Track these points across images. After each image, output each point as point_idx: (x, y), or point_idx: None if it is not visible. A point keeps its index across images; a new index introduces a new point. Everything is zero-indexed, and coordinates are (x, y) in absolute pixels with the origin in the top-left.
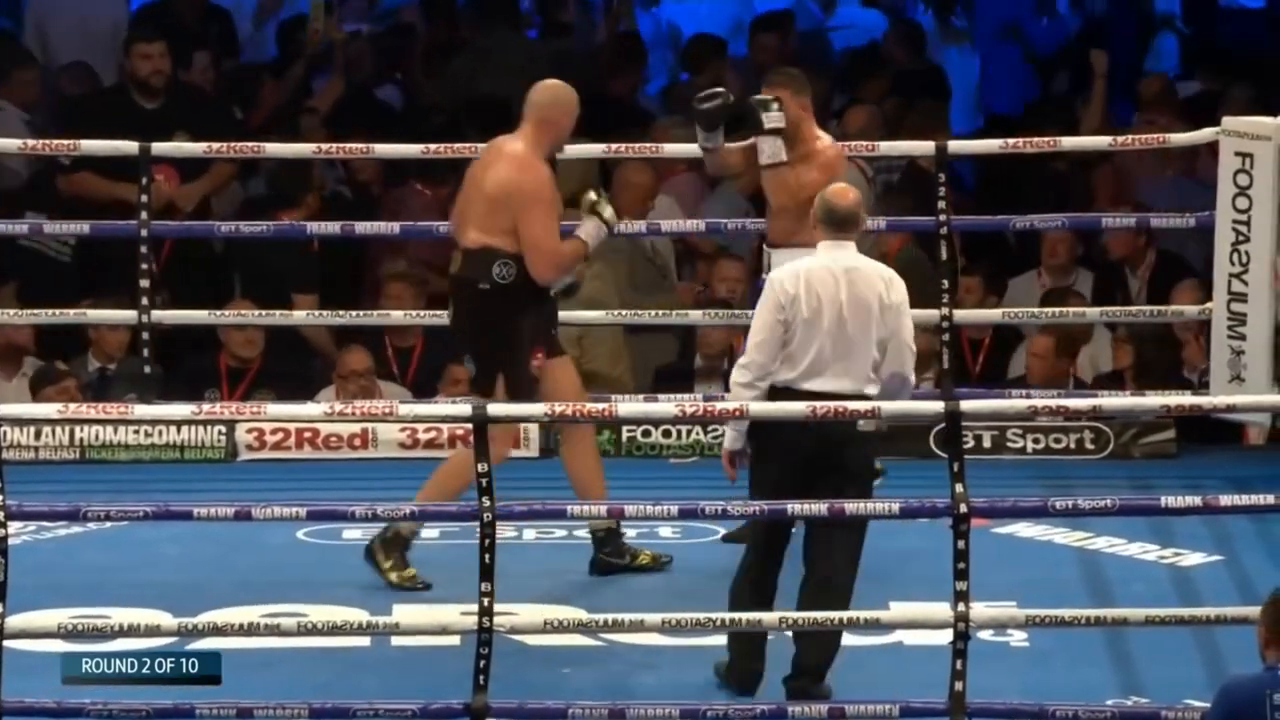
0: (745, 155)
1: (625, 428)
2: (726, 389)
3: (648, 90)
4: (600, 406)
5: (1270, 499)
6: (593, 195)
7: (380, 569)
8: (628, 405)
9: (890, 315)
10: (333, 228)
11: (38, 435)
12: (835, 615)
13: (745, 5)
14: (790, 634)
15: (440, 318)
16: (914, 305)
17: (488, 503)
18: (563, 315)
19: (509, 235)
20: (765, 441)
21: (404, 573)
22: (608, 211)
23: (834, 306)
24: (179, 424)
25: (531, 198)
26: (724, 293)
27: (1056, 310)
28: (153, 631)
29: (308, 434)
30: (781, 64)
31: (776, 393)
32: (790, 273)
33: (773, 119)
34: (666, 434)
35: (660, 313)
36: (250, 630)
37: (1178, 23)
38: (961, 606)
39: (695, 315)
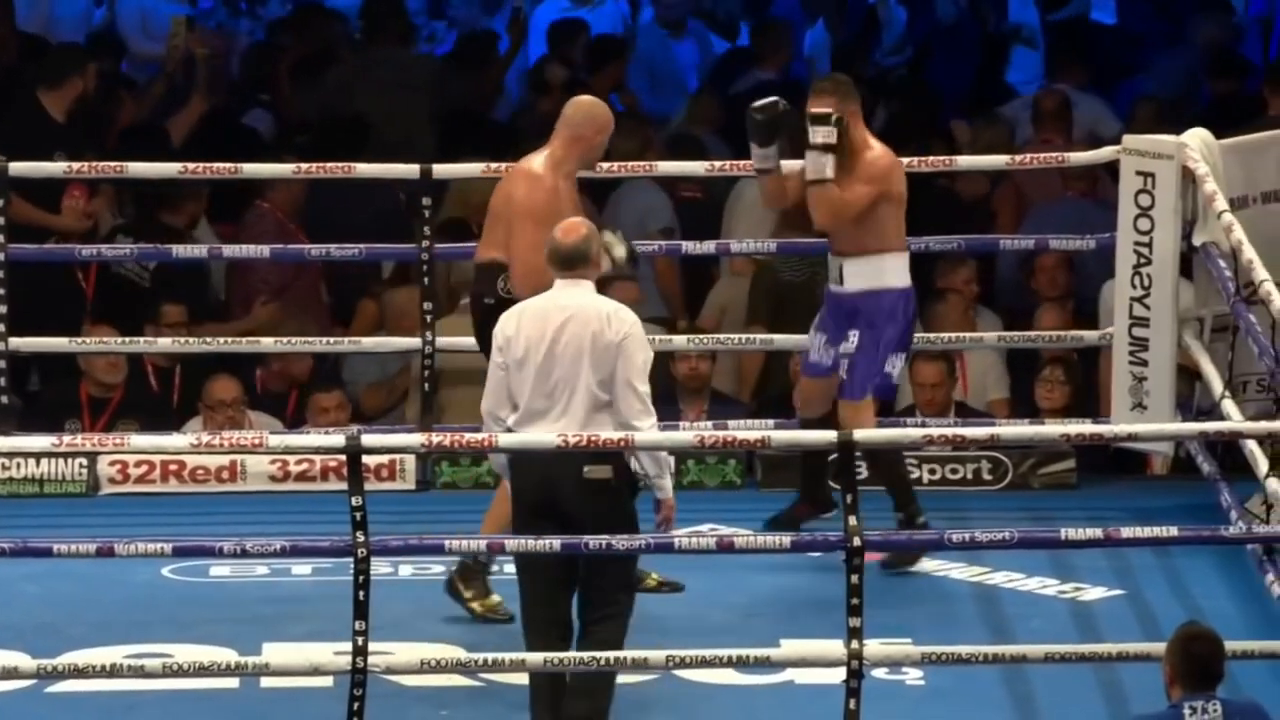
0: (801, 182)
1: None
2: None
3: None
4: (480, 437)
5: (1173, 531)
6: (608, 234)
7: (462, 600)
8: (508, 437)
9: (607, 353)
10: (200, 251)
11: None
12: (728, 654)
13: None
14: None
15: (312, 344)
16: (776, 329)
17: (362, 537)
18: None
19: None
20: (513, 483)
21: (487, 601)
22: (617, 250)
23: (542, 348)
24: (38, 457)
25: (524, 212)
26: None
27: (951, 336)
28: (10, 674)
29: (173, 466)
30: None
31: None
32: (513, 312)
33: (823, 134)
34: None
35: None
36: (113, 672)
37: (1026, 33)
38: (855, 644)
39: None
